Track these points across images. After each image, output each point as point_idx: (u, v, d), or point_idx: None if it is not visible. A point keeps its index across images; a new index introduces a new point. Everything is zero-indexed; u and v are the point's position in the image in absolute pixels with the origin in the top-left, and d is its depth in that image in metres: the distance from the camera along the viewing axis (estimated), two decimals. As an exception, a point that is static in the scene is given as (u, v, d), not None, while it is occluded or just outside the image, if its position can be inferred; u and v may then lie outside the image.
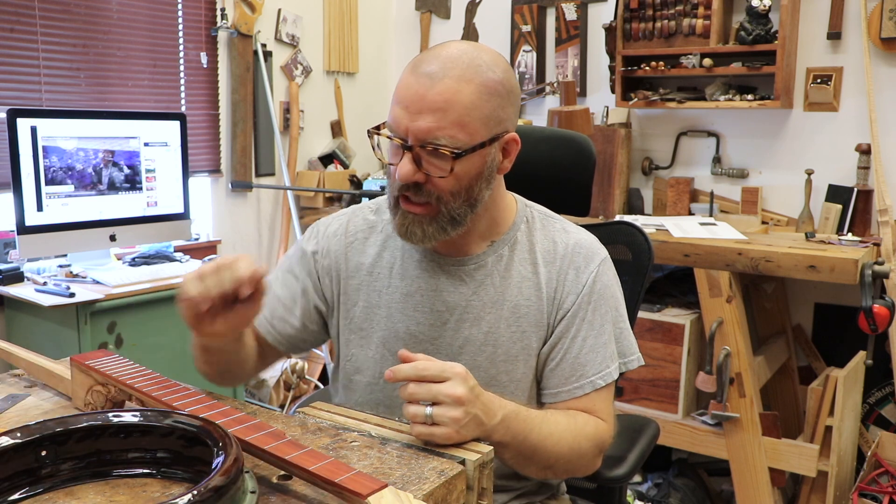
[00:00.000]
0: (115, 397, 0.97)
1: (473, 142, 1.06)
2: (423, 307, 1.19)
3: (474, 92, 1.05)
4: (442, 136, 1.04)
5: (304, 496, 0.78)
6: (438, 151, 1.04)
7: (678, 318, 2.57)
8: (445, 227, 1.10)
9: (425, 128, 1.04)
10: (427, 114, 1.03)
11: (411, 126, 1.04)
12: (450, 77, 1.04)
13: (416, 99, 1.04)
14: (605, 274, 1.20)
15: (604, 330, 1.17)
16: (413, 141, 1.05)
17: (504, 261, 1.19)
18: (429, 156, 1.06)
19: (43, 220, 2.40)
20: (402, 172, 1.06)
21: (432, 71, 1.05)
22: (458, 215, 1.10)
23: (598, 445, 1.14)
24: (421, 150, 1.05)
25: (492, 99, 1.07)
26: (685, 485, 2.75)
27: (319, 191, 3.46)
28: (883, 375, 2.73)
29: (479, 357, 1.17)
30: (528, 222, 1.22)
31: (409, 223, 1.10)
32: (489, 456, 0.89)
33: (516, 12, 3.63)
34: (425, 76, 1.05)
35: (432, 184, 1.07)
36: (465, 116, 1.04)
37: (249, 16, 3.27)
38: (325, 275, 1.25)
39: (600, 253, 1.21)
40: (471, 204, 1.11)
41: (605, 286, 1.19)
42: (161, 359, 2.42)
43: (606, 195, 3.20)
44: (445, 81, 1.04)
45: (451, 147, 1.04)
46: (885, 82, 2.84)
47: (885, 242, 2.62)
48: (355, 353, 1.24)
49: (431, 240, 1.11)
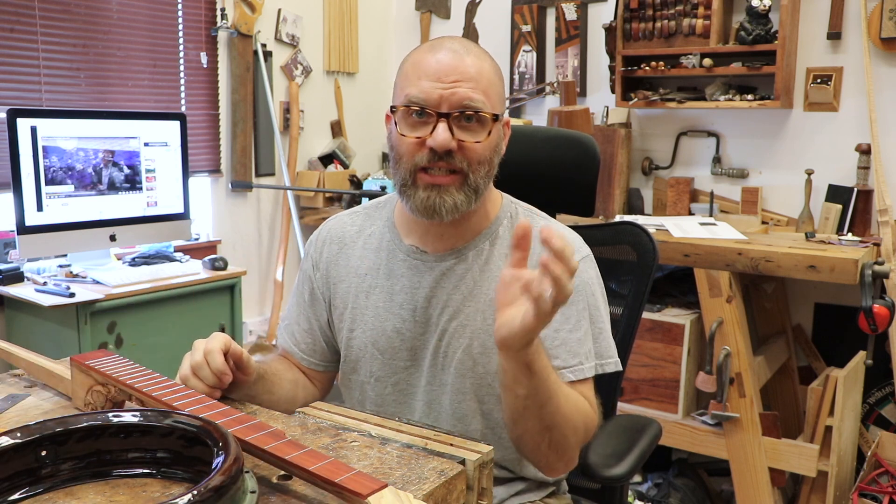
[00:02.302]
0: (115, 397, 0.97)
1: (496, 112, 1.13)
2: (407, 304, 1.22)
3: (492, 68, 1.15)
4: (478, 101, 1.10)
5: (304, 496, 0.78)
6: (479, 114, 1.10)
7: (678, 318, 2.57)
8: (471, 196, 1.14)
9: (463, 94, 1.09)
10: (464, 81, 1.09)
11: (446, 94, 1.09)
12: (472, 54, 1.13)
13: (448, 70, 1.10)
14: (585, 271, 1.19)
15: (579, 326, 1.16)
16: (449, 108, 1.09)
17: (484, 255, 1.20)
18: (466, 121, 1.10)
19: (43, 220, 2.40)
20: (441, 139, 1.09)
21: (456, 47, 1.12)
22: (481, 186, 1.14)
23: (585, 426, 1.11)
24: (457, 117, 1.10)
25: (500, 80, 1.17)
26: (685, 485, 2.75)
27: (319, 191, 3.46)
28: (883, 375, 2.73)
29: (458, 350, 1.18)
30: (511, 218, 1.24)
31: (436, 195, 1.12)
32: (489, 456, 0.89)
33: (516, 12, 3.63)
34: (451, 51, 1.11)
35: (465, 151, 1.11)
36: (490, 88, 1.12)
37: (249, 16, 3.27)
38: (324, 287, 1.31)
39: (581, 251, 1.21)
40: (490, 176, 1.16)
41: (584, 283, 1.18)
42: (161, 359, 2.43)
43: (606, 195, 3.20)
44: (471, 56, 1.12)
45: (489, 111, 1.11)
46: (885, 82, 2.84)
47: (885, 242, 2.62)
48: (349, 353, 1.28)
49: (457, 211, 1.13)
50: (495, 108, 1.13)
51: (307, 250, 1.35)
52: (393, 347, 1.23)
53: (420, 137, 1.11)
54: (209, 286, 2.63)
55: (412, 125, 1.12)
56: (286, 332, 1.34)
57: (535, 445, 1.08)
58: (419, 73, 1.11)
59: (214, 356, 1.03)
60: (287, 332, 1.34)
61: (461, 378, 1.19)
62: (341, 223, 1.33)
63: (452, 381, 1.20)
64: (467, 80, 1.09)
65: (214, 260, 2.69)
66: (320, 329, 1.32)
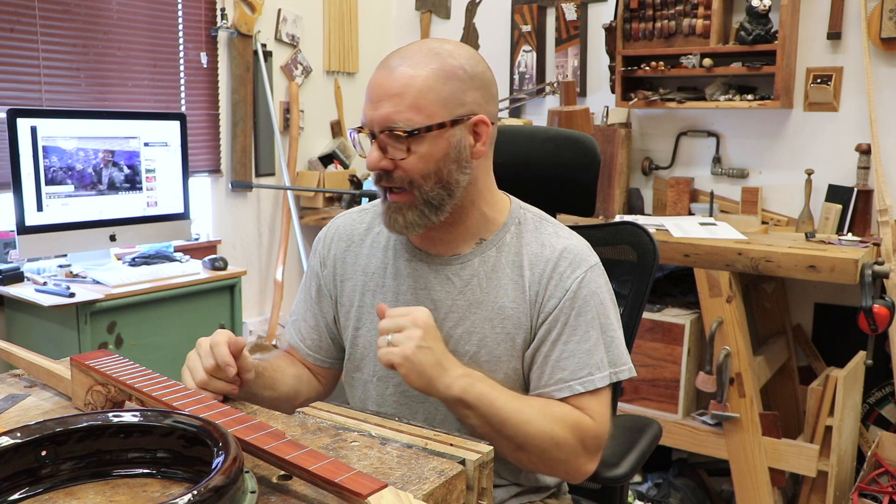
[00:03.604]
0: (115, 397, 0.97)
1: (430, 122, 1.11)
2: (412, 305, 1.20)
3: (430, 76, 1.11)
4: (399, 120, 1.10)
5: (304, 496, 0.78)
6: (394, 133, 1.10)
7: (678, 318, 2.57)
8: (424, 212, 1.14)
9: (384, 114, 1.11)
10: (385, 101, 1.11)
11: (373, 115, 1.12)
12: (406, 65, 1.11)
13: (376, 90, 1.12)
14: (594, 281, 1.18)
15: (588, 336, 1.15)
16: (375, 129, 1.12)
17: (490, 262, 1.20)
18: (389, 140, 1.12)
19: (43, 220, 2.40)
20: (369, 160, 1.13)
21: (392, 63, 1.13)
22: (434, 199, 1.14)
23: (580, 439, 1.11)
24: (382, 136, 1.12)
25: (449, 82, 1.12)
26: (685, 485, 2.75)
27: (319, 191, 3.46)
28: (883, 375, 2.73)
29: (464, 356, 1.18)
30: (519, 224, 1.22)
31: (391, 212, 1.16)
32: (489, 456, 0.89)
33: (516, 12, 3.63)
34: (385, 68, 1.13)
35: (401, 168, 1.12)
36: (421, 99, 1.10)
37: (249, 16, 3.27)
38: (331, 284, 1.31)
39: (589, 260, 1.20)
40: (444, 187, 1.14)
41: (593, 293, 1.17)
42: (161, 359, 2.43)
43: (606, 195, 3.20)
44: (401, 69, 1.11)
45: (406, 128, 1.10)
46: (885, 82, 2.84)
47: (885, 242, 2.62)
48: (354, 351, 1.28)
49: (414, 227, 1.15)
50: (432, 117, 1.10)
51: (315, 247, 1.35)
52: None
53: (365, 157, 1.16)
54: (209, 286, 2.63)
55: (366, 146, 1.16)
56: (293, 327, 1.35)
57: (519, 461, 1.13)
58: (366, 93, 1.15)
59: (220, 349, 1.06)
60: (294, 328, 1.35)
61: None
62: (350, 221, 1.33)
63: None
64: (389, 99, 1.10)
65: (214, 260, 2.69)
66: (326, 326, 1.32)
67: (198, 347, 1.09)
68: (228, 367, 1.05)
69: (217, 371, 1.06)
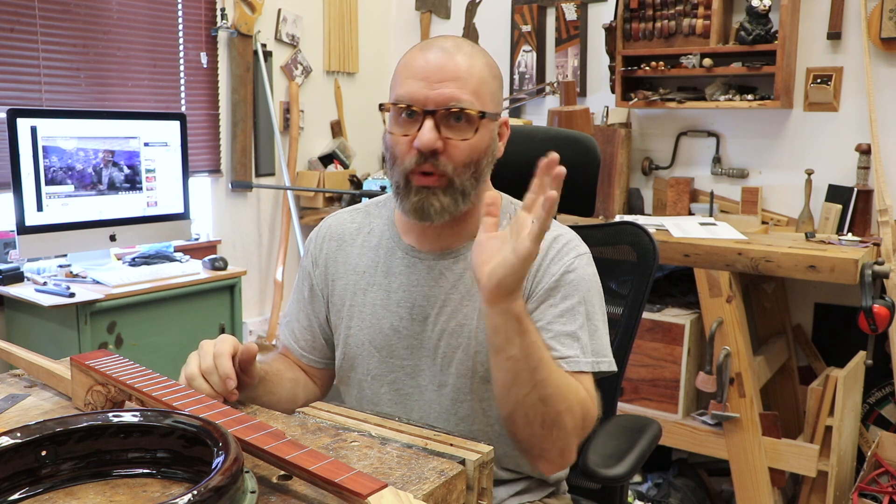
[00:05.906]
0: (115, 397, 0.96)
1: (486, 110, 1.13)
2: (404, 303, 1.22)
3: (484, 67, 1.14)
4: (465, 101, 1.10)
5: (304, 496, 0.78)
6: (464, 111, 1.10)
7: (678, 318, 2.57)
8: (457, 199, 1.14)
9: (448, 94, 1.10)
10: (449, 81, 1.10)
11: (432, 94, 1.10)
12: (463, 52, 1.13)
13: (435, 70, 1.11)
14: (582, 268, 1.18)
15: (574, 319, 1.14)
16: (435, 106, 1.10)
17: None
18: (454, 120, 1.11)
19: (43, 220, 2.40)
20: (425, 138, 1.09)
21: (447, 46, 1.13)
22: (467, 189, 1.15)
23: (583, 413, 1.07)
24: (444, 115, 1.10)
25: (494, 79, 1.16)
26: (685, 485, 2.75)
27: (319, 191, 3.46)
28: (883, 375, 2.73)
29: (457, 349, 1.18)
30: (510, 219, 1.22)
31: (424, 197, 1.13)
32: (489, 456, 0.89)
33: (516, 12, 3.63)
34: (441, 50, 1.12)
35: (448, 154, 1.11)
36: (481, 87, 1.12)
37: (249, 16, 3.27)
38: (322, 284, 1.31)
39: (579, 248, 1.21)
40: (477, 178, 1.16)
41: (580, 278, 1.17)
42: (161, 359, 2.43)
43: (606, 195, 3.20)
44: (462, 54, 1.12)
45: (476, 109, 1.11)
46: (885, 82, 2.84)
47: (885, 242, 2.62)
48: (347, 350, 1.28)
49: (444, 213, 1.14)
50: (486, 107, 1.13)
51: (307, 247, 1.35)
52: (390, 345, 1.23)
53: (407, 135, 1.12)
54: (209, 286, 2.63)
55: (401, 124, 1.13)
56: (287, 328, 1.35)
57: (528, 422, 1.03)
58: (409, 73, 1.13)
59: (223, 360, 1.02)
60: (287, 329, 1.34)
61: (462, 378, 1.19)
62: (341, 220, 1.33)
63: (454, 381, 1.20)
64: (454, 80, 1.10)
65: (214, 260, 2.69)
66: (319, 326, 1.32)
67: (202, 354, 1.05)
68: (229, 381, 1.02)
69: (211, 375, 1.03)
